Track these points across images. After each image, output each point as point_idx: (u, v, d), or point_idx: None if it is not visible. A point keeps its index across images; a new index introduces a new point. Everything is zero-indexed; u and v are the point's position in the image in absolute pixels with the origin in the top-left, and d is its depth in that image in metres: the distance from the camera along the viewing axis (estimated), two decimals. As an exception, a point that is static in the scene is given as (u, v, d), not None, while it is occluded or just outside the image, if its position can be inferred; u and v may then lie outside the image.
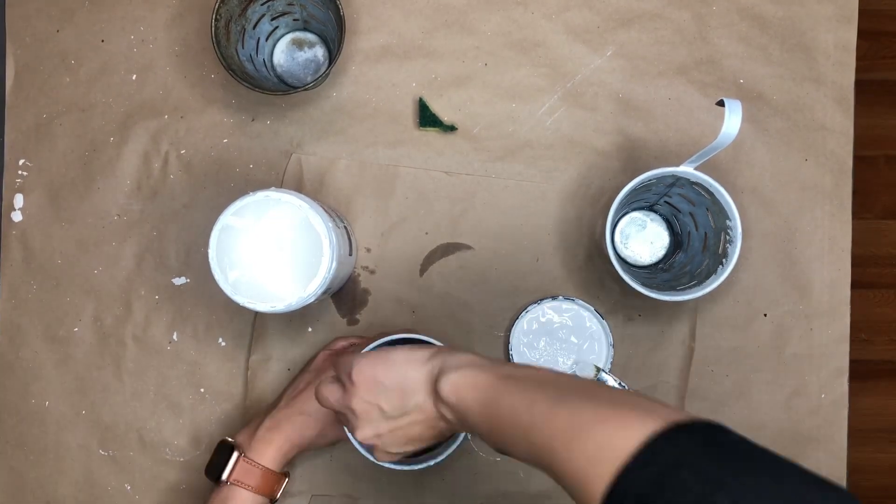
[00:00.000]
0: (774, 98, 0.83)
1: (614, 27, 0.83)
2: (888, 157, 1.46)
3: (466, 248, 0.82)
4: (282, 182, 0.82)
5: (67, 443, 0.81)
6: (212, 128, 0.82)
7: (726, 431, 0.43)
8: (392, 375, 0.57)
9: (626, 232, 0.83)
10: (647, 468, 0.41)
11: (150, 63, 0.83)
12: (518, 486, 0.80)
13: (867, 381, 1.45)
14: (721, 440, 0.42)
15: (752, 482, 0.38)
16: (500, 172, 0.82)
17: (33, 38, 0.83)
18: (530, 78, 0.83)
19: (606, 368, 0.80)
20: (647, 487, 0.40)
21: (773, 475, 0.39)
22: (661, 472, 0.40)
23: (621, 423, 0.43)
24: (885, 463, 1.46)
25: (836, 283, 0.82)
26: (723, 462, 0.40)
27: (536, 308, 0.80)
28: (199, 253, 0.82)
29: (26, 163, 0.83)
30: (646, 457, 0.41)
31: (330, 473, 0.80)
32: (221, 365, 0.81)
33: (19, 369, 0.82)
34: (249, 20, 0.77)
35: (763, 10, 0.83)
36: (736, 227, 0.71)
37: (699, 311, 0.82)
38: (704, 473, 0.39)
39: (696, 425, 0.42)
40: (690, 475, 0.39)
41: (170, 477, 0.81)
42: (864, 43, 0.85)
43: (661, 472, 0.40)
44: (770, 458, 0.41)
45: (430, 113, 0.82)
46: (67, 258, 0.82)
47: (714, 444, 0.41)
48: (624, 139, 0.82)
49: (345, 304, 0.82)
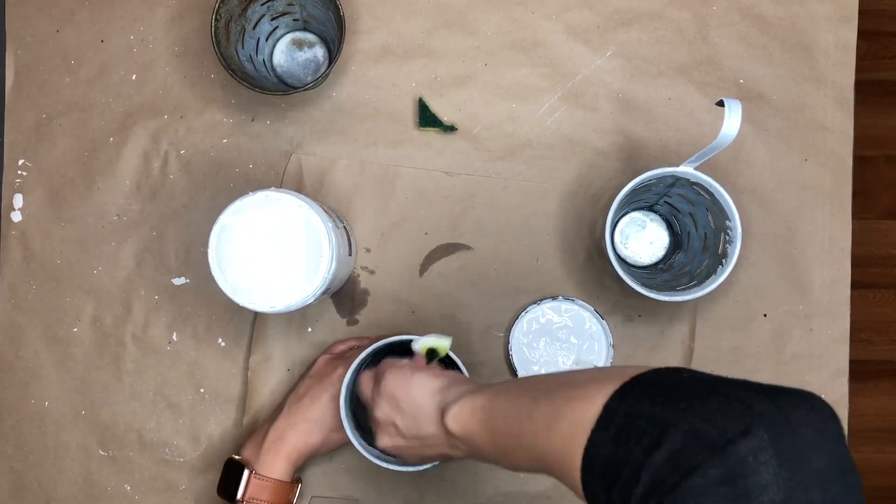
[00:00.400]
0: (774, 98, 0.83)
1: (614, 27, 0.83)
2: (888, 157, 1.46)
3: (466, 248, 0.82)
4: (281, 182, 0.82)
5: (67, 443, 0.81)
6: (211, 128, 0.82)
7: (676, 370, 0.43)
8: (409, 400, 0.60)
9: (626, 232, 0.83)
10: (609, 429, 0.41)
11: (149, 63, 0.83)
12: (518, 486, 0.80)
13: (867, 381, 1.45)
14: (669, 380, 0.42)
15: (700, 411, 0.38)
16: (500, 172, 0.82)
17: (33, 38, 0.83)
18: (530, 78, 0.83)
19: (606, 368, 0.80)
20: (610, 447, 0.41)
21: (718, 397, 0.39)
22: (619, 427, 0.41)
23: (587, 396, 0.44)
24: (885, 463, 1.47)
25: (836, 283, 0.82)
26: (672, 400, 0.40)
27: (536, 308, 0.80)
28: (198, 253, 0.82)
29: (26, 163, 0.83)
30: (606, 417, 0.42)
31: (330, 474, 0.80)
32: (221, 365, 0.81)
33: (19, 369, 0.82)
34: (249, 20, 0.77)
35: (763, 10, 0.83)
36: (736, 227, 0.71)
37: (699, 312, 0.81)
38: (656, 416, 0.39)
39: (648, 374, 0.43)
40: (644, 422, 0.40)
41: (169, 477, 0.81)
42: (864, 43, 0.85)
43: (619, 427, 0.41)
44: (716, 382, 0.41)
45: (430, 113, 0.82)
46: (67, 258, 0.82)
47: (663, 386, 0.42)
48: (624, 139, 0.82)
49: (344, 305, 0.82)
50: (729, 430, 0.37)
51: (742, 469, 0.36)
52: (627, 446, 0.40)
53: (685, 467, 0.37)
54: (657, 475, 0.38)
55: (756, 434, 0.36)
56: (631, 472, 0.39)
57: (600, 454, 0.41)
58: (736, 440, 0.36)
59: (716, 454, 0.36)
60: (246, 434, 0.80)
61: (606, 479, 0.40)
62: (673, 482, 0.37)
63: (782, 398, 0.39)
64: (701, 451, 0.37)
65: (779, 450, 0.36)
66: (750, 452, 0.36)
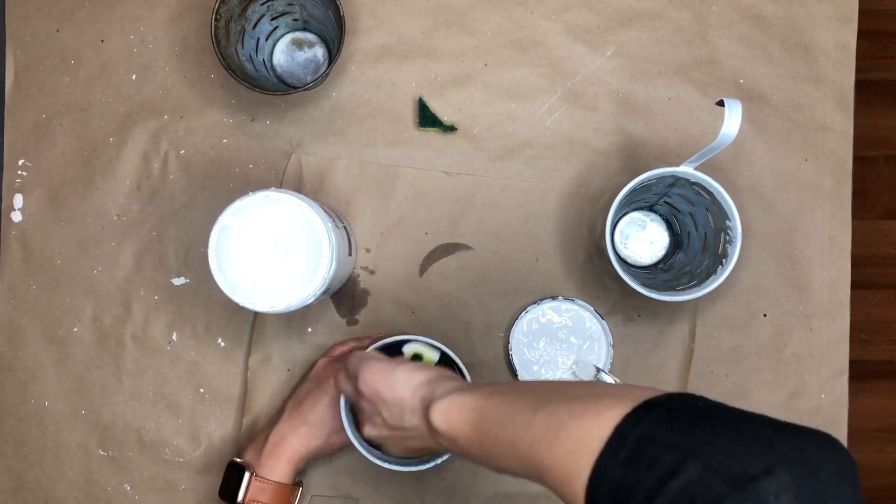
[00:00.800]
0: (774, 98, 0.83)
1: (614, 27, 0.83)
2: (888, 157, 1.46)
3: (466, 248, 0.82)
4: (281, 182, 0.82)
5: (67, 443, 0.81)
6: (211, 128, 0.82)
7: (693, 398, 0.43)
8: (392, 393, 0.59)
9: (626, 232, 0.83)
10: (620, 451, 0.41)
11: (149, 63, 0.83)
12: (518, 486, 0.80)
13: (867, 381, 1.45)
14: (687, 408, 0.42)
15: (722, 443, 0.38)
16: (500, 172, 0.82)
17: (33, 37, 0.83)
18: (530, 78, 0.83)
19: (606, 369, 0.80)
20: (620, 470, 0.40)
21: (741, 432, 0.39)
22: (632, 451, 0.40)
23: (594, 415, 0.43)
24: (885, 463, 1.47)
25: (836, 283, 0.82)
26: (691, 429, 0.39)
27: (536, 308, 0.80)
28: (198, 253, 0.82)
29: (26, 163, 0.83)
30: (618, 440, 0.41)
31: (330, 474, 0.80)
32: (221, 365, 0.81)
33: (19, 369, 0.82)
34: (249, 20, 0.77)
35: (763, 9, 0.83)
36: (736, 227, 0.71)
37: (699, 311, 0.81)
38: (673, 443, 0.39)
39: (660, 399, 0.43)
40: (660, 448, 0.39)
41: (169, 477, 0.81)
42: (864, 43, 0.85)
43: (632, 451, 0.40)
44: (738, 416, 0.41)
45: (429, 113, 0.82)
46: (67, 258, 0.82)
47: (681, 413, 0.41)
48: (624, 139, 0.82)
49: (344, 305, 0.82)
50: (751, 468, 0.37)
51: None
52: (639, 472, 0.39)
53: (704, 499, 0.36)
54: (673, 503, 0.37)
55: (779, 475, 0.36)
56: (644, 498, 0.38)
57: (609, 476, 0.41)
58: (759, 478, 0.36)
59: (738, 490, 0.36)
60: (246, 434, 0.80)
61: (614, 501, 0.40)
62: None
63: (805, 440, 0.39)
64: (721, 484, 0.36)
65: (800, 492, 0.36)
66: (772, 492, 0.36)
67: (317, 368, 0.77)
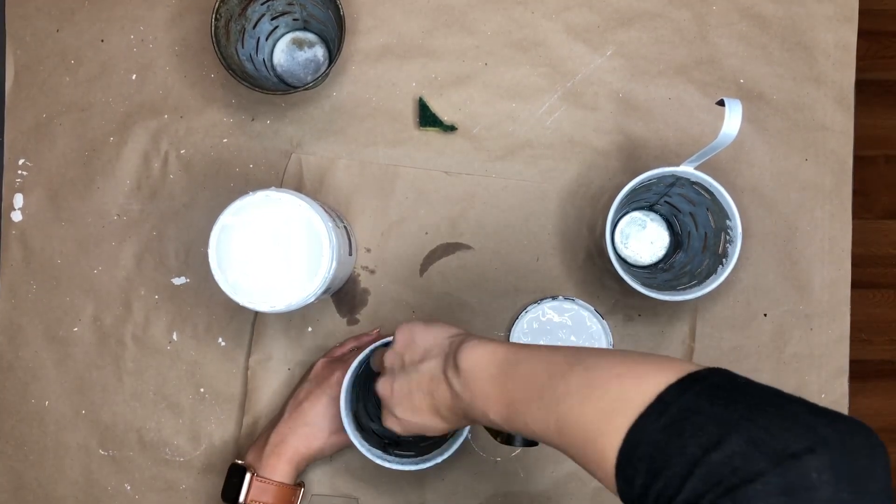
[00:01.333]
0: (774, 98, 0.83)
1: (614, 27, 0.83)
2: (888, 157, 1.46)
3: (466, 248, 0.82)
4: (282, 182, 0.82)
5: (67, 443, 0.81)
6: (211, 127, 0.82)
7: (732, 375, 0.43)
8: (425, 337, 0.59)
9: (627, 232, 0.83)
10: (662, 417, 0.41)
11: (149, 63, 0.83)
12: (518, 486, 0.80)
13: (867, 381, 1.45)
14: (730, 384, 0.42)
15: (763, 421, 0.39)
16: (500, 172, 0.82)
17: (33, 37, 0.83)
18: (530, 77, 0.83)
19: (606, 368, 0.80)
20: (661, 435, 0.41)
21: (781, 411, 0.40)
22: (674, 418, 0.41)
23: (636, 378, 0.44)
24: (885, 463, 1.46)
25: (836, 283, 0.82)
26: (733, 404, 0.40)
27: (536, 308, 0.80)
28: (198, 253, 0.82)
29: (26, 162, 0.83)
30: (660, 407, 0.42)
31: (330, 473, 0.80)
32: (221, 365, 0.81)
33: (19, 369, 0.82)
34: (249, 20, 0.77)
35: (763, 9, 0.83)
36: (736, 226, 0.71)
37: (699, 311, 0.81)
38: (716, 416, 0.40)
39: (703, 373, 0.43)
40: (704, 419, 0.40)
41: (169, 477, 0.81)
42: (864, 43, 0.85)
43: (674, 418, 0.41)
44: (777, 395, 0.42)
45: (430, 113, 0.82)
46: (67, 258, 0.82)
47: (725, 388, 0.42)
48: (624, 139, 0.82)
49: (345, 304, 0.82)
50: (792, 445, 0.37)
51: (804, 483, 0.36)
52: (682, 439, 0.40)
53: (746, 472, 0.37)
54: (714, 473, 0.38)
55: (820, 454, 0.37)
56: (684, 464, 0.39)
57: (647, 439, 0.41)
58: (800, 455, 0.37)
59: (780, 465, 0.37)
60: (246, 434, 0.80)
61: (652, 465, 0.40)
62: (731, 484, 0.37)
63: (841, 424, 0.39)
64: (763, 459, 0.37)
65: (839, 472, 0.37)
66: (813, 469, 0.37)
67: (316, 368, 0.77)
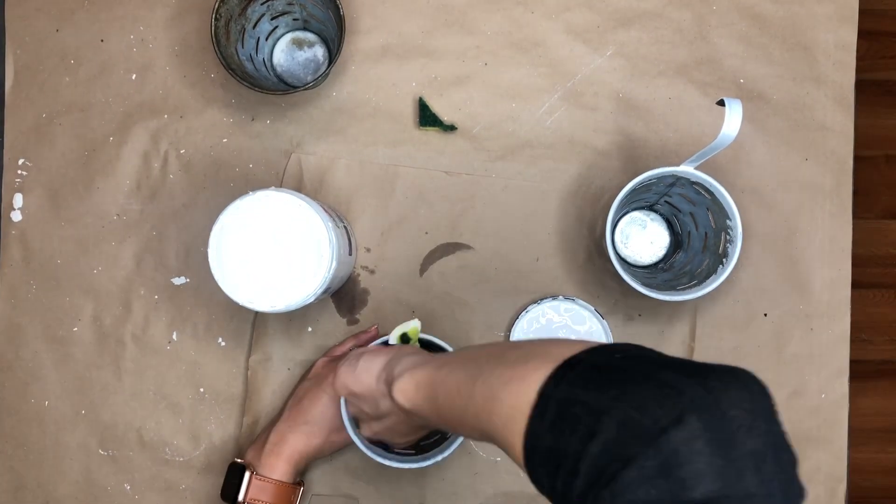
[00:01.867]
0: (774, 98, 0.83)
1: (614, 27, 0.83)
2: (888, 157, 1.46)
3: (466, 248, 0.82)
4: (281, 182, 0.82)
5: (67, 442, 0.81)
6: (211, 127, 0.82)
7: (612, 350, 0.43)
8: (360, 386, 0.60)
9: (627, 232, 0.83)
10: (545, 416, 0.41)
11: (149, 63, 0.83)
12: (518, 486, 0.80)
13: (867, 381, 1.45)
14: (602, 364, 0.42)
15: (632, 398, 0.38)
16: (500, 172, 0.82)
17: (33, 37, 0.83)
18: (530, 78, 0.83)
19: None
20: (549, 436, 0.40)
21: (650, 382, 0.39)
22: (555, 415, 0.40)
23: (520, 381, 0.44)
24: (885, 463, 1.47)
25: (836, 283, 0.82)
26: (605, 385, 0.40)
27: (536, 308, 0.80)
28: (198, 253, 0.82)
29: (26, 162, 0.83)
30: (542, 404, 0.41)
31: (330, 473, 0.80)
32: (221, 365, 0.81)
33: (19, 369, 0.82)
34: (249, 20, 0.77)
35: (763, 9, 0.83)
36: (736, 226, 0.71)
37: (699, 311, 0.81)
38: (591, 403, 0.39)
39: (579, 356, 0.43)
40: (579, 409, 0.39)
41: (169, 477, 0.81)
42: (864, 43, 0.85)
43: (555, 415, 0.40)
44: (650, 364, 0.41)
45: (430, 113, 0.82)
46: (67, 258, 0.82)
47: (598, 369, 0.41)
48: (624, 139, 0.82)
49: (345, 304, 0.82)
50: (661, 419, 0.37)
51: (676, 459, 0.36)
52: (564, 436, 0.39)
53: (621, 458, 0.37)
54: (595, 466, 0.37)
55: (688, 422, 0.36)
56: (571, 463, 0.39)
57: (540, 444, 0.41)
58: (668, 430, 0.36)
59: (651, 445, 0.36)
60: (246, 434, 0.80)
61: (548, 467, 0.40)
62: (610, 474, 0.37)
63: (712, 379, 0.38)
64: (635, 441, 0.37)
65: (711, 437, 0.36)
66: (683, 442, 0.36)
67: (316, 368, 0.77)
